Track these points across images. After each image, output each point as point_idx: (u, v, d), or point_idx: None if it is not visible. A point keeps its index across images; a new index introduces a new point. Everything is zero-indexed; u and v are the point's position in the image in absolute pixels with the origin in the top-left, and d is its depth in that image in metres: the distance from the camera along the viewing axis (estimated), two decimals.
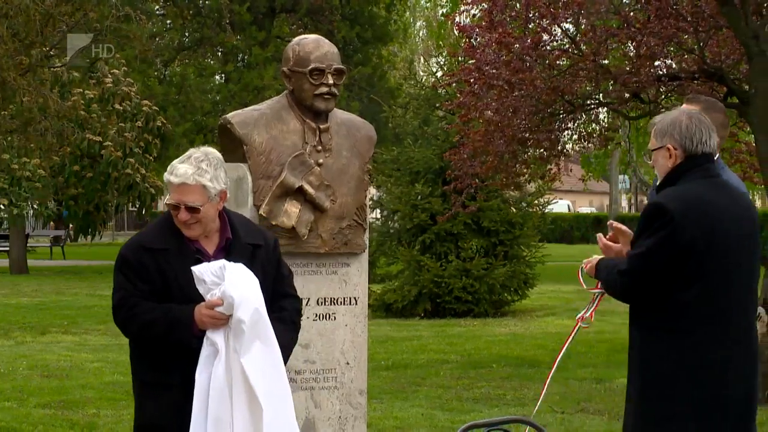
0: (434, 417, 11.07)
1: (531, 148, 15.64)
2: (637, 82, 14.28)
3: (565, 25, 15.32)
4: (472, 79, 14.87)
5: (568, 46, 15.12)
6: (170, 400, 5.27)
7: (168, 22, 38.13)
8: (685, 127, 5.29)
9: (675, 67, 15.27)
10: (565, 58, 15.16)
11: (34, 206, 30.69)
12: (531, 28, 14.82)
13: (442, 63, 29.23)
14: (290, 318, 5.50)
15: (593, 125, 17.10)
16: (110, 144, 29.99)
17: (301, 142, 6.32)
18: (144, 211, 33.27)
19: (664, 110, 15.56)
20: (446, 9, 44.20)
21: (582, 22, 14.87)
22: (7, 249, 35.17)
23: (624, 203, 76.76)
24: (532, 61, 14.55)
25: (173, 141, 33.37)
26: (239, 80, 35.22)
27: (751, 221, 5.38)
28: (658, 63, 15.14)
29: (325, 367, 6.37)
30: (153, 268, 5.28)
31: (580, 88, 15.06)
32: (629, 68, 14.59)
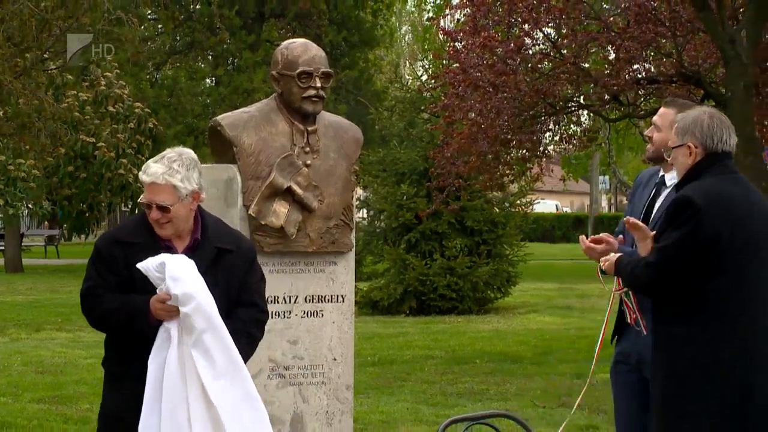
0: (419, 411, 11.07)
1: (513, 149, 15.67)
2: (616, 85, 14.32)
3: (547, 30, 15.35)
4: (457, 82, 14.88)
5: (549, 50, 15.15)
6: (129, 390, 5.25)
7: (159, 26, 38.00)
8: (707, 126, 5.27)
9: (653, 70, 15.32)
10: (547, 62, 15.20)
11: (29, 206, 30.59)
12: (514, 32, 14.84)
13: (427, 67, 29.27)
14: (244, 329, 5.37)
15: (574, 127, 17.14)
16: (103, 145, 29.94)
17: (290, 143, 6.32)
18: (136, 211, 33.21)
19: (643, 112, 15.66)
20: (431, 14, 44.16)
21: (563, 26, 14.90)
22: (3, 248, 35.14)
23: (604, 203, 76.89)
24: (515, 65, 14.58)
25: (165, 142, 33.19)
26: (229, 83, 35.16)
27: (767, 217, 5.35)
28: (637, 66, 15.19)
29: (313, 363, 6.36)
30: (122, 261, 5.28)
31: (561, 91, 15.09)
32: (609, 71, 14.63)
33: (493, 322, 20.04)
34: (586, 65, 15.52)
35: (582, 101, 15.67)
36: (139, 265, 5.18)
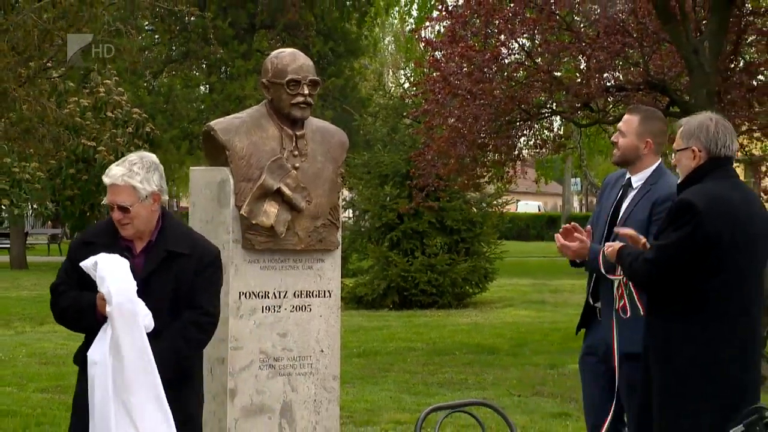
0: (402, 400, 11.07)
1: (490, 153, 15.67)
2: (587, 93, 14.32)
3: (522, 40, 15.34)
4: (436, 89, 14.88)
5: (524, 59, 15.15)
6: (83, 381, 5.27)
7: (156, 36, 37.94)
8: (712, 131, 5.21)
9: (622, 79, 15.33)
10: (522, 71, 15.19)
11: (34, 206, 30.52)
12: (490, 42, 14.83)
13: (409, 75, 29.24)
14: (181, 330, 5.28)
15: (547, 132, 17.15)
16: (103, 149, 29.79)
17: (279, 147, 6.30)
18: None
19: (612, 118, 15.68)
20: (413, 25, 44.16)
21: (537, 37, 14.90)
22: (8, 246, 35.08)
23: (576, 204, 77.02)
24: (492, 73, 14.57)
25: (161, 146, 33.19)
26: (222, 90, 35.12)
27: (766, 220, 5.28)
28: (606, 75, 15.20)
29: (302, 354, 6.35)
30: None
31: (535, 98, 15.09)
32: (580, 80, 14.63)
33: (472, 315, 20.06)
34: (559, 74, 15.52)
35: (554, 108, 15.67)
36: (81, 264, 5.18)
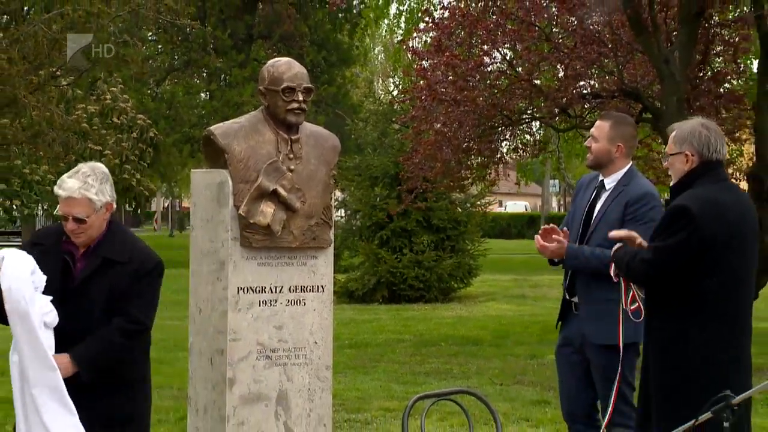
0: (391, 389, 11.08)
1: (474, 156, 15.67)
2: (565, 100, 14.33)
3: (503, 50, 15.35)
4: (423, 96, 14.88)
5: (506, 68, 15.15)
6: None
7: (159, 46, 37.92)
8: (704, 136, 5.12)
9: (597, 86, 15.34)
10: (504, 79, 15.19)
11: (44, 207, 30.47)
12: (474, 52, 14.84)
13: (398, 83, 29.22)
14: (106, 334, 5.19)
15: (528, 137, 17.17)
16: (109, 153, 29.67)
17: (275, 151, 6.29)
18: (138, 211, 33.13)
19: (589, 124, 15.69)
20: (401, 36, 44.15)
21: (518, 47, 14.91)
22: (20, 244, 34.97)
23: (554, 204, 77.09)
24: (475, 81, 14.57)
25: (164, 150, 33.23)
26: (221, 97, 35.11)
27: (755, 221, 5.20)
28: (583, 83, 15.21)
29: (296, 345, 6.35)
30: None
31: (516, 105, 15.09)
32: (558, 87, 14.64)
33: (456, 309, 20.08)
34: (538, 82, 15.53)
35: (534, 114, 15.68)
36: None
